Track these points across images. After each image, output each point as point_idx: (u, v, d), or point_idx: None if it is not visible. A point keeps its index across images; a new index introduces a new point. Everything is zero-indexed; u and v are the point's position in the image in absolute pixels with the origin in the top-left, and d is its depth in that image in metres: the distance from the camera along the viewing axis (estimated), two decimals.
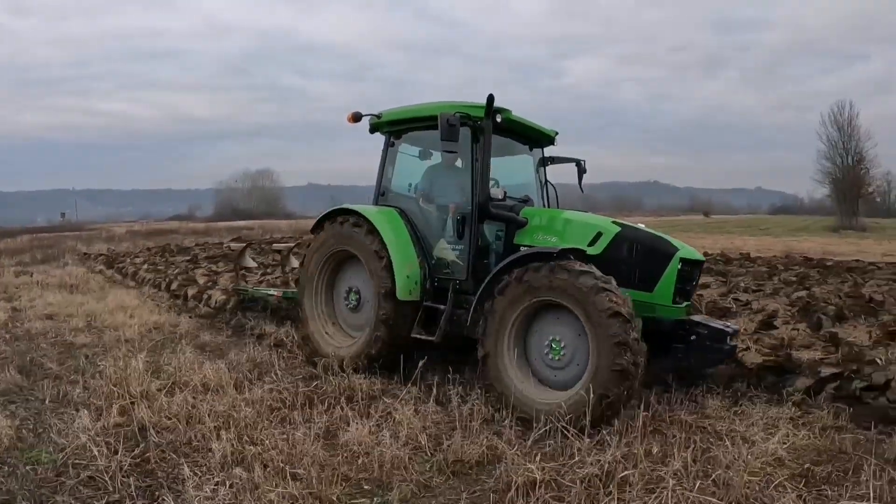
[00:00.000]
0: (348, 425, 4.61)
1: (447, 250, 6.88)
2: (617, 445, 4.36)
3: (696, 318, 6.68)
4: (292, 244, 12.30)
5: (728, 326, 6.65)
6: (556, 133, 7.90)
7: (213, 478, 3.78)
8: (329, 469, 3.87)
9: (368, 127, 7.51)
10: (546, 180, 7.93)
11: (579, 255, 5.93)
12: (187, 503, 3.56)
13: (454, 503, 3.75)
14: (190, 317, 9.91)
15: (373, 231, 6.82)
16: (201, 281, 12.75)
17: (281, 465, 3.88)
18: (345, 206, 7.29)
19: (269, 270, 13.42)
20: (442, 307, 6.55)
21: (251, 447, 4.20)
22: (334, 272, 7.45)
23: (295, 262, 10.96)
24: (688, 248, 6.47)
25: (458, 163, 7.38)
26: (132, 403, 5.00)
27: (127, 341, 7.55)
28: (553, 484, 3.82)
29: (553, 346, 5.72)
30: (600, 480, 3.82)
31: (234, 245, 11.46)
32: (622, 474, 3.83)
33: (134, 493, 3.68)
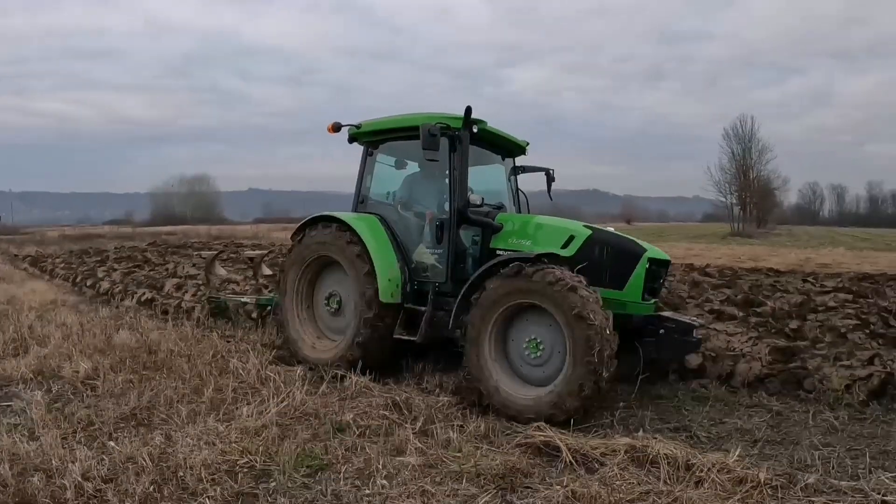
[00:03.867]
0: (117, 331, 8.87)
1: (426, 255, 7.26)
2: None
3: (664, 313, 7.22)
4: (265, 252, 12.16)
5: (694, 321, 7.21)
6: (528, 143, 8.38)
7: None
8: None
9: (347, 137, 7.92)
10: (517, 188, 8.40)
11: (553, 258, 6.30)
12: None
13: None
14: (81, 297, 14.11)
15: (354, 237, 7.17)
16: (101, 275, 16.85)
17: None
18: (326, 213, 7.65)
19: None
20: (422, 309, 6.89)
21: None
22: (315, 278, 7.84)
23: (267, 270, 11.38)
24: (655, 249, 6.91)
25: (435, 172, 7.68)
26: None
27: (31, 308, 11.67)
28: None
29: (532, 345, 6.03)
30: None
31: (204, 254, 12.20)
32: None
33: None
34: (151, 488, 3.90)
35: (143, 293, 12.67)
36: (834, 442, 5.40)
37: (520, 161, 8.52)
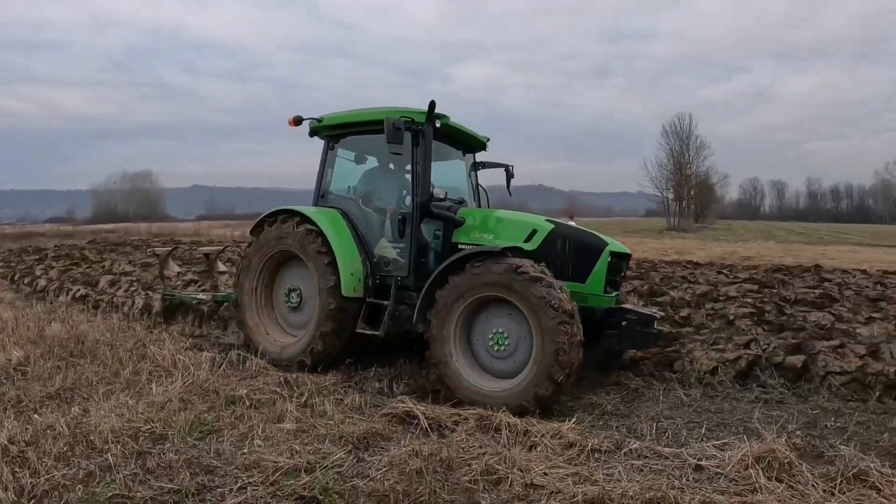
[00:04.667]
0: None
1: (388, 249, 7.26)
2: None
3: (626, 306, 7.31)
4: (220, 248, 12.01)
5: (655, 312, 7.35)
6: (488, 139, 8.44)
7: None
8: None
9: (308, 130, 7.90)
10: (478, 184, 8.50)
11: (516, 252, 6.31)
12: None
13: None
14: (18, 294, 14.64)
15: (316, 231, 7.18)
16: (38, 273, 17.26)
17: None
18: (287, 207, 7.61)
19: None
20: (385, 303, 6.96)
21: None
22: (274, 272, 7.83)
23: (222, 267, 11.30)
24: (616, 243, 7.03)
25: (392, 166, 7.82)
26: None
27: None
28: None
29: (497, 338, 6.13)
30: None
31: (158, 250, 11.59)
32: None
33: None
34: (65, 448, 4.66)
35: (78, 289, 13.24)
36: (677, 415, 6.01)
37: (480, 157, 8.61)
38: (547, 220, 6.99)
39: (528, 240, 6.75)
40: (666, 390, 6.83)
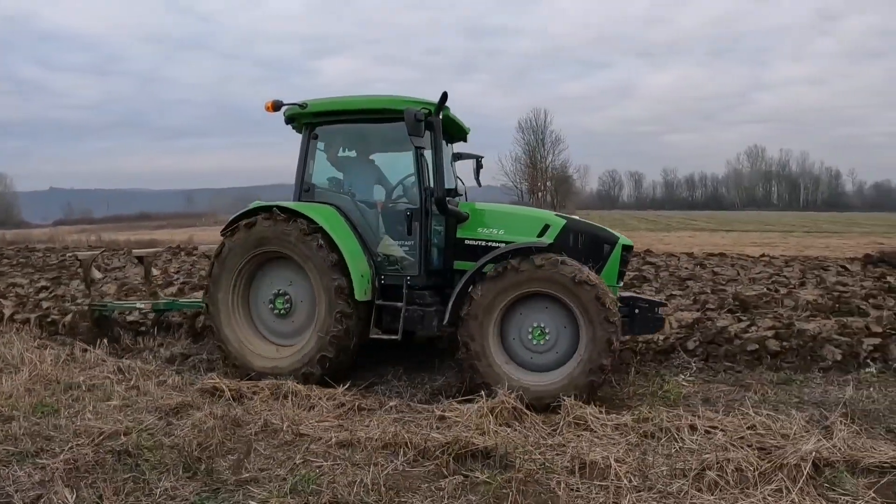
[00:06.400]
0: None
1: (394, 247, 6.98)
2: None
3: (632, 294, 7.61)
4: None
5: (660, 300, 7.73)
6: (469, 129, 8.25)
7: None
8: None
9: (284, 118, 7.41)
10: (456, 175, 8.15)
11: (548, 248, 6.44)
12: None
13: None
14: None
15: (314, 229, 6.72)
16: None
17: None
18: (267, 203, 7.06)
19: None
20: (399, 304, 6.73)
21: None
22: (251, 278, 7.30)
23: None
24: (622, 236, 7.13)
25: (373, 158, 7.59)
26: None
27: None
28: None
29: (536, 332, 6.26)
30: None
31: (80, 255, 10.47)
32: None
33: None
34: None
35: None
36: (448, 378, 7.46)
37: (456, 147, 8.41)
38: (557, 215, 7.07)
39: (541, 234, 6.82)
40: (440, 360, 8.20)
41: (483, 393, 6.29)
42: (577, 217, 7.24)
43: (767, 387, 7.34)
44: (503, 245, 6.66)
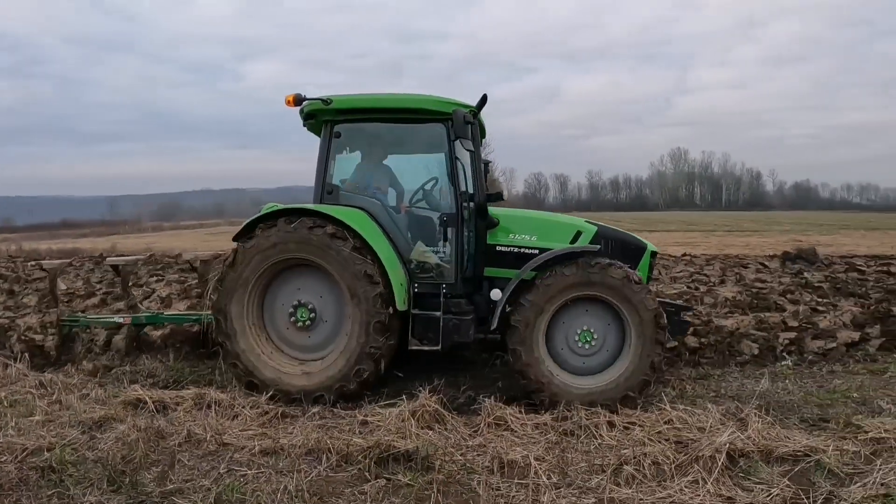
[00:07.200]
0: None
1: (428, 254, 6.74)
2: None
3: (658, 299, 7.35)
4: (58, 262, 9.97)
5: (685, 305, 7.90)
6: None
7: None
8: None
9: (304, 114, 7.06)
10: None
11: (595, 253, 6.49)
12: None
13: None
14: None
15: (346, 234, 6.37)
16: None
17: None
18: (288, 206, 6.65)
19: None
20: (437, 314, 6.51)
21: None
22: (265, 288, 6.81)
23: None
24: (650, 243, 7.18)
25: (385, 160, 7.28)
26: None
27: None
28: None
29: (584, 336, 6.30)
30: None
31: (46, 264, 9.53)
32: None
33: None
34: None
35: None
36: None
37: None
38: (587, 222, 7.06)
39: (573, 241, 6.80)
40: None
41: (404, 396, 6.39)
42: (605, 224, 7.25)
43: (686, 382, 7.60)
44: (537, 251, 6.67)
